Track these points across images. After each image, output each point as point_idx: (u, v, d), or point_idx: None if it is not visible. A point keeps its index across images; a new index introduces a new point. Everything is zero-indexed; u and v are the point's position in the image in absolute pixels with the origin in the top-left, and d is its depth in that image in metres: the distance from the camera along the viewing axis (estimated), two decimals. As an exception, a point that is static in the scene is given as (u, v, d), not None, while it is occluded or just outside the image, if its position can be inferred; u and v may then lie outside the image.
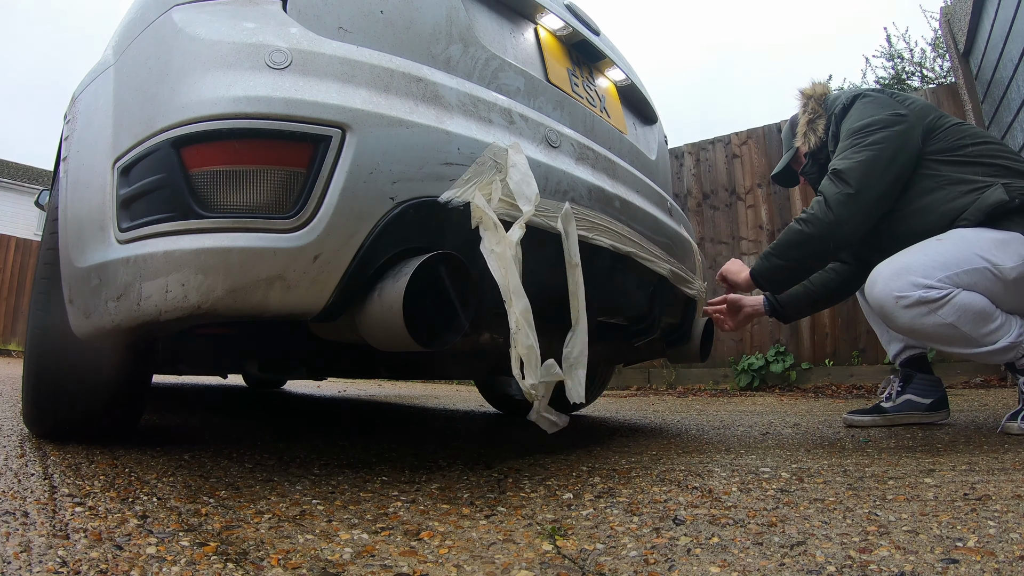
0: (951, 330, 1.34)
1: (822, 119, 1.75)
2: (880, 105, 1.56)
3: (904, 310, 1.36)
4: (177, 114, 0.84)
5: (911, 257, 1.40)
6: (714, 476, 1.12)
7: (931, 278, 1.34)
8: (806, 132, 1.78)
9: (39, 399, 1.26)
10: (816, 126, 1.76)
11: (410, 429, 2.00)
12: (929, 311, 1.34)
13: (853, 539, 0.71)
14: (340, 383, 4.83)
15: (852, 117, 1.59)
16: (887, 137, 1.50)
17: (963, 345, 1.37)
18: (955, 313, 1.33)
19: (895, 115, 1.53)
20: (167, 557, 0.65)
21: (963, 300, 1.33)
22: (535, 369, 0.91)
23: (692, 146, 4.69)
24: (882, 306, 1.40)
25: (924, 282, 1.34)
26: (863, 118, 1.55)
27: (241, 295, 0.82)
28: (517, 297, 0.91)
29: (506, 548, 0.71)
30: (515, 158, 0.99)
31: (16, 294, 9.39)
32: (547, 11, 1.37)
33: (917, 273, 1.35)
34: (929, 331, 1.37)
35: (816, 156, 1.79)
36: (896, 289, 1.36)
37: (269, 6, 0.94)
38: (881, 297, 1.39)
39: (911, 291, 1.34)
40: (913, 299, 1.34)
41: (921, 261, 1.38)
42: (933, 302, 1.33)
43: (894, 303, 1.36)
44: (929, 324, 1.35)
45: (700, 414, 2.50)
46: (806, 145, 1.79)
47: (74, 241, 1.00)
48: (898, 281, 1.37)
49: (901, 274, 1.37)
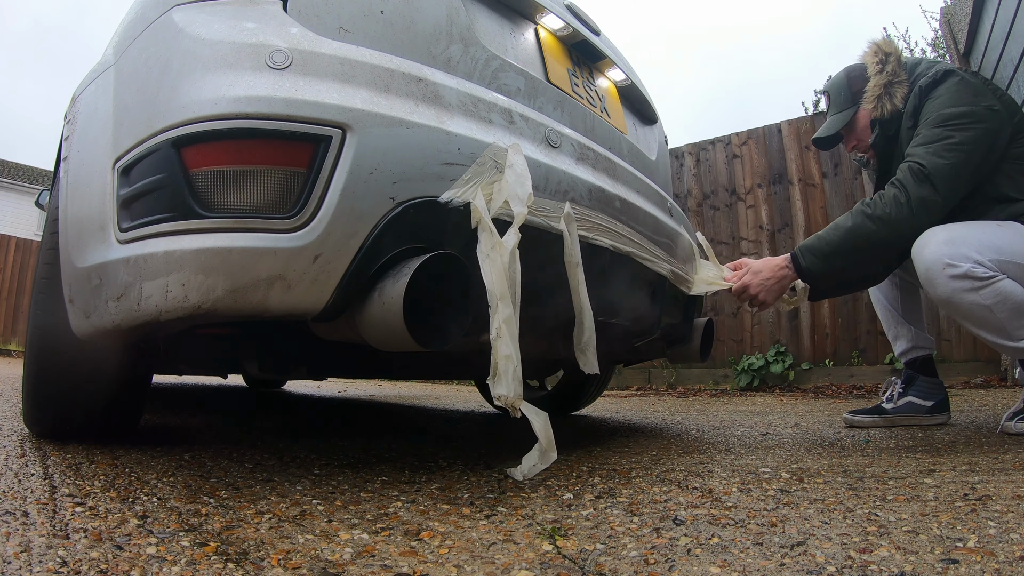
0: (987, 313, 1.32)
1: (902, 86, 1.55)
2: (974, 92, 1.44)
3: (949, 280, 1.32)
4: (178, 114, 0.84)
5: (969, 230, 1.36)
6: (714, 476, 1.12)
7: (984, 255, 1.31)
8: (881, 96, 1.57)
9: (39, 399, 1.26)
10: (894, 92, 1.56)
11: (410, 429, 2.00)
12: (972, 288, 1.31)
13: (853, 539, 0.71)
14: (340, 383, 4.83)
15: (942, 98, 1.44)
16: (978, 138, 1.39)
17: (994, 332, 1.34)
18: (995, 297, 1.30)
19: (989, 109, 1.41)
20: (167, 557, 0.65)
21: (1007, 288, 1.30)
22: (508, 380, 0.91)
23: (692, 146, 4.69)
24: (928, 269, 1.35)
25: (976, 257, 1.31)
26: (957, 104, 1.42)
27: (241, 295, 0.82)
28: (504, 304, 0.91)
29: (506, 548, 0.71)
30: (513, 159, 0.99)
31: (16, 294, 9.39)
32: (547, 11, 1.37)
33: (972, 246, 1.32)
34: (965, 308, 1.34)
35: (886, 127, 1.59)
36: (948, 256, 1.32)
37: (269, 6, 0.94)
38: (930, 260, 1.34)
39: (962, 262, 1.31)
40: (962, 271, 1.31)
41: (978, 236, 1.34)
42: (979, 279, 1.30)
43: (941, 269, 1.33)
44: (967, 301, 1.32)
45: (700, 414, 2.50)
46: (878, 111, 1.59)
47: (74, 241, 1.00)
48: (952, 248, 1.33)
49: (956, 242, 1.33)
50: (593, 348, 1.13)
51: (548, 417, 1.01)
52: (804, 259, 1.48)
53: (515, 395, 0.91)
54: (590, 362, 1.14)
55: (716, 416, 2.39)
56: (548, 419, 1.00)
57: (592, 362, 1.14)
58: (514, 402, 0.92)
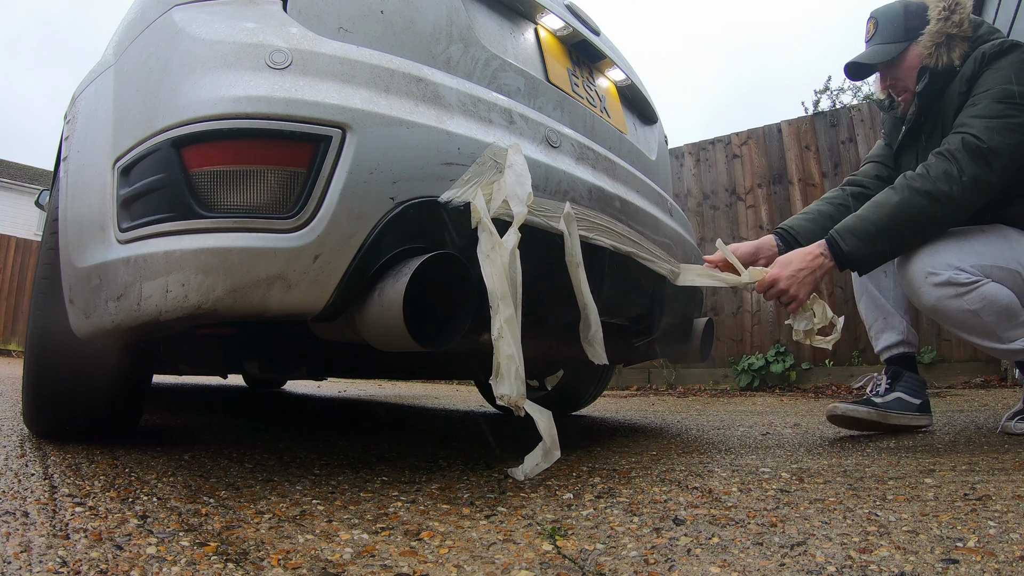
0: (974, 318, 1.32)
1: (964, 44, 1.44)
2: None
3: (933, 288, 1.33)
4: (178, 114, 0.84)
5: (947, 239, 1.37)
6: (714, 476, 1.12)
7: (963, 261, 1.32)
8: (939, 45, 1.45)
9: (39, 399, 1.26)
10: (954, 47, 1.44)
11: (410, 429, 2.00)
12: (956, 294, 1.31)
13: (853, 539, 0.71)
14: (340, 383, 4.83)
15: (1006, 71, 1.34)
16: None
17: (983, 336, 1.35)
18: (980, 302, 1.30)
19: None
20: (167, 557, 0.65)
21: (991, 291, 1.31)
22: (511, 379, 0.91)
23: (692, 146, 4.69)
24: (911, 279, 1.36)
25: (956, 263, 1.32)
26: (1022, 82, 1.32)
27: (241, 295, 0.82)
28: (504, 304, 0.91)
29: (506, 548, 0.71)
30: (512, 158, 0.99)
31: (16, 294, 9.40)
32: (547, 11, 1.37)
33: (952, 253, 1.33)
34: (952, 315, 1.34)
35: (936, 79, 1.47)
36: (929, 265, 1.33)
37: (269, 6, 0.94)
38: (912, 271, 1.35)
39: (943, 270, 1.31)
40: (944, 278, 1.31)
41: (958, 244, 1.35)
42: (961, 285, 1.31)
43: (924, 278, 1.33)
44: (953, 307, 1.33)
45: (700, 414, 2.50)
46: (933, 59, 1.46)
47: (74, 241, 1.00)
48: (931, 258, 1.34)
49: (936, 252, 1.34)
50: (600, 340, 1.14)
51: (552, 415, 1.01)
52: (845, 242, 1.35)
53: (518, 394, 0.91)
54: (599, 353, 1.15)
55: (716, 416, 2.39)
56: (552, 417, 1.01)
57: (600, 353, 1.15)
58: (517, 401, 0.92)
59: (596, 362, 1.16)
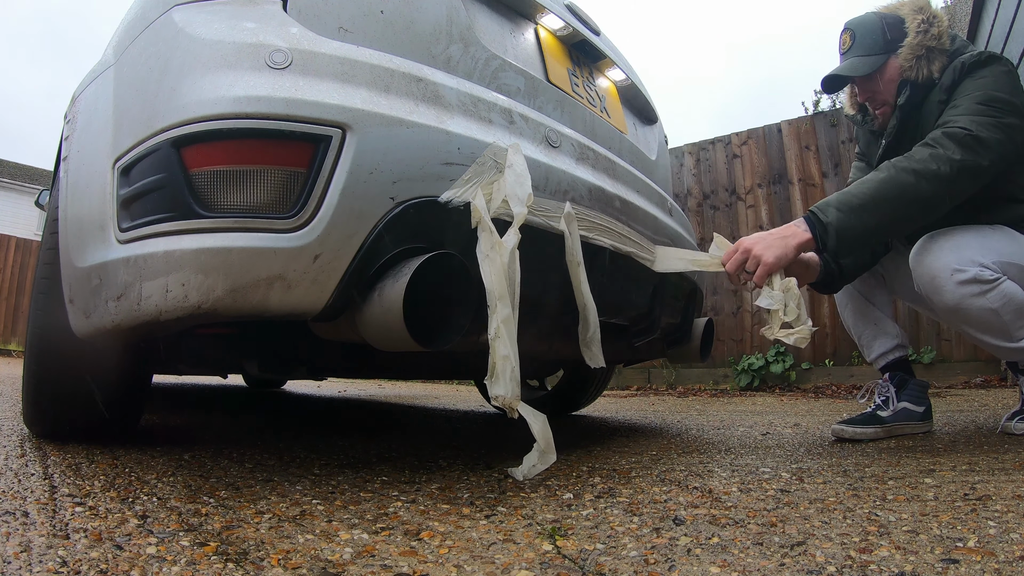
0: (993, 316, 1.30)
1: (942, 56, 1.45)
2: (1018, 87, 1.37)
3: (958, 286, 1.29)
4: (178, 114, 0.84)
5: (967, 235, 1.34)
6: (714, 476, 1.12)
7: (987, 258, 1.29)
8: (920, 58, 1.45)
9: (39, 399, 1.26)
10: (933, 59, 1.45)
11: (410, 429, 2.00)
12: (980, 292, 1.29)
13: (853, 539, 0.71)
14: (340, 383, 4.83)
15: (987, 80, 1.36)
16: (1019, 127, 1.32)
17: (997, 335, 1.32)
18: (1001, 300, 1.29)
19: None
20: (167, 557, 0.65)
21: (1010, 289, 1.29)
22: (506, 380, 0.91)
23: (692, 146, 4.69)
24: (935, 277, 1.32)
25: (981, 260, 1.29)
26: (1002, 91, 1.34)
27: (241, 295, 0.82)
28: (503, 305, 0.91)
29: (506, 548, 0.71)
30: (513, 158, 0.99)
31: (16, 294, 9.39)
32: (547, 11, 1.37)
33: (975, 250, 1.30)
34: (973, 313, 1.31)
35: (916, 91, 1.47)
36: (955, 262, 1.29)
37: (269, 6, 0.94)
38: (936, 268, 1.31)
39: (969, 267, 1.28)
40: (970, 275, 1.28)
41: (978, 240, 1.32)
42: (986, 283, 1.28)
43: (949, 275, 1.29)
44: (975, 306, 1.30)
45: (700, 414, 2.50)
46: (913, 72, 1.46)
47: (74, 241, 1.00)
48: (957, 254, 1.30)
49: (960, 248, 1.31)
50: (598, 342, 1.14)
51: (546, 419, 1.00)
52: (826, 214, 1.28)
53: (512, 396, 0.91)
54: (596, 356, 1.15)
55: (716, 416, 2.39)
56: (546, 420, 1.00)
57: (598, 356, 1.15)
58: (511, 403, 0.92)
59: (592, 365, 1.16)
